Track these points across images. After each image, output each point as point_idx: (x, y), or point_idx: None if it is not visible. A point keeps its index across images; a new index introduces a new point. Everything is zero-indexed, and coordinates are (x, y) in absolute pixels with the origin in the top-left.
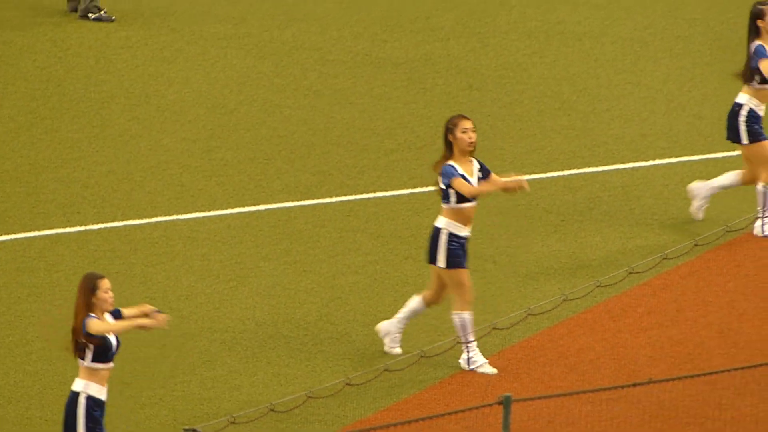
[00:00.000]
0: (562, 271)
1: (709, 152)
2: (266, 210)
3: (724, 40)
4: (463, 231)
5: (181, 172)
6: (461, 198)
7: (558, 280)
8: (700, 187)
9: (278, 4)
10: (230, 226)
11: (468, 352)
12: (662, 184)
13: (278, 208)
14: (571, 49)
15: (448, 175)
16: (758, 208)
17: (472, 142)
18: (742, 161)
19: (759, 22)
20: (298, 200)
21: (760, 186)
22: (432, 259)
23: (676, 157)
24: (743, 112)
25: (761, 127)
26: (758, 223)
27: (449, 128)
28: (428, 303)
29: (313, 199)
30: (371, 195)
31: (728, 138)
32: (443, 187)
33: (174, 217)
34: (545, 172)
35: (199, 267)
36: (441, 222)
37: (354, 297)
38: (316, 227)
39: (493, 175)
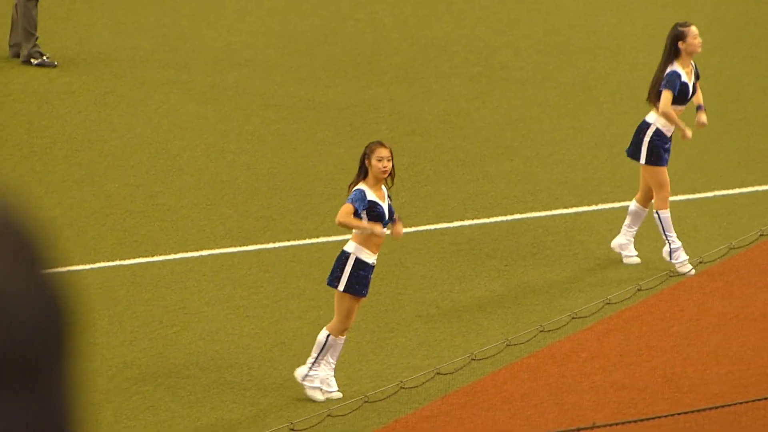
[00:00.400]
0: (505, 315)
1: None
2: (210, 255)
3: None
4: (371, 258)
5: (125, 218)
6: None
7: (501, 324)
8: (618, 241)
9: (221, 50)
10: (174, 271)
11: (310, 368)
12: (606, 229)
13: (222, 254)
14: (514, 94)
15: (349, 198)
16: (662, 233)
17: (385, 170)
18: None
19: (680, 44)
20: (241, 245)
21: (655, 215)
22: (332, 282)
23: (620, 201)
24: (649, 132)
25: (665, 151)
26: (665, 248)
27: (366, 153)
28: (338, 333)
29: (257, 244)
30: (315, 240)
31: (628, 153)
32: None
33: (117, 262)
34: (488, 217)
35: (143, 312)
36: (350, 246)
37: (298, 342)
38: (259, 272)
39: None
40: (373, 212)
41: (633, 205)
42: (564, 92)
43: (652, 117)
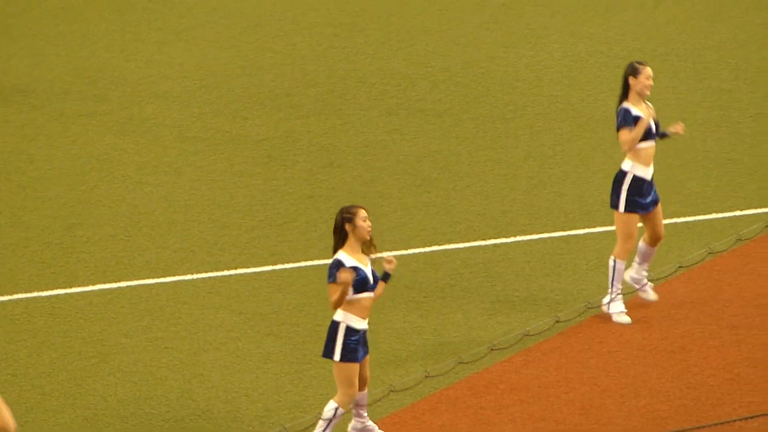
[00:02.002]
0: (424, 347)
1: (571, 229)
2: (128, 287)
3: (584, 118)
4: (361, 324)
5: (43, 249)
6: (357, 288)
7: (420, 356)
8: (631, 277)
9: (139, 82)
10: (92, 303)
11: None
12: (524, 261)
13: (140, 285)
14: (432, 126)
15: (329, 275)
16: (609, 281)
17: (370, 230)
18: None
19: (630, 80)
20: (159, 277)
21: (611, 261)
22: (327, 353)
23: (538, 233)
24: (626, 181)
25: (641, 202)
26: (606, 297)
27: (346, 218)
28: (346, 404)
29: (175, 275)
30: (232, 272)
31: (611, 204)
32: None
33: (35, 294)
34: (406, 249)
35: (61, 344)
36: (338, 315)
37: (215, 374)
38: (177, 304)
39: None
40: (356, 277)
41: (640, 245)
42: (482, 124)
43: (627, 164)
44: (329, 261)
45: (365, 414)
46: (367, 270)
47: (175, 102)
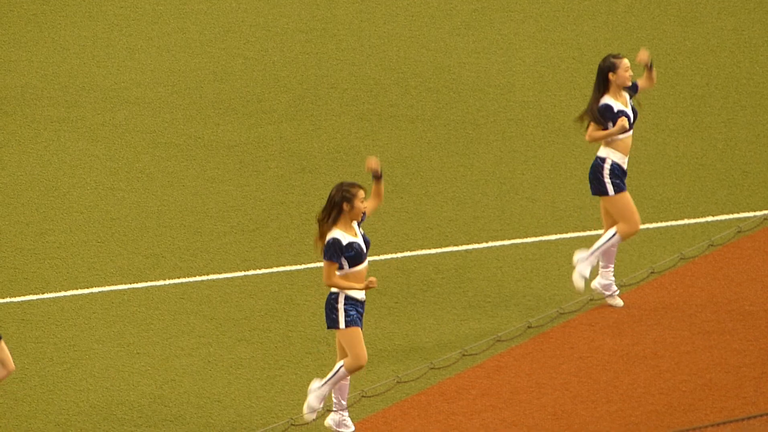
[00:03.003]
0: (395, 353)
1: (542, 234)
2: (99, 292)
3: (555, 123)
4: (360, 294)
5: (14, 255)
6: (353, 262)
7: (392, 362)
8: (600, 282)
9: (110, 88)
10: (63, 308)
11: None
12: (495, 267)
13: (111, 291)
14: (404, 131)
15: (328, 255)
16: (595, 245)
17: (365, 210)
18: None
19: (610, 75)
20: (131, 283)
21: (611, 231)
22: (332, 323)
23: (509, 239)
24: (606, 166)
25: (623, 182)
26: (597, 279)
27: (346, 197)
28: (354, 369)
29: (147, 281)
30: (204, 277)
31: (594, 192)
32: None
33: (7, 299)
34: (378, 255)
35: (33, 349)
36: (335, 288)
37: (187, 379)
38: (149, 310)
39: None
40: (352, 252)
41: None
42: (453, 130)
43: (604, 152)
44: (300, 267)
45: (346, 407)
46: (360, 240)
47: (146, 108)
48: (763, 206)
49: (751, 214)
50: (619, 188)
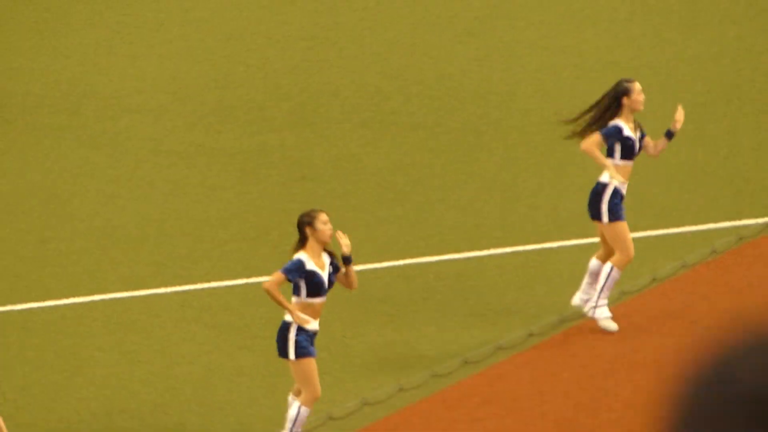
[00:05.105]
0: (397, 360)
1: (544, 242)
2: (101, 300)
3: (558, 131)
4: (312, 325)
5: (15, 263)
6: (312, 292)
7: (393, 369)
8: (581, 298)
9: (111, 95)
10: (65, 316)
11: None
12: (497, 274)
13: (112, 299)
14: (405, 139)
15: (284, 267)
16: (598, 286)
17: (330, 233)
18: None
19: (624, 100)
20: (132, 291)
21: (608, 266)
22: (282, 353)
23: (511, 246)
24: (608, 191)
25: (622, 208)
26: (590, 303)
27: (306, 221)
28: (297, 392)
29: (148, 289)
30: (206, 285)
31: (592, 216)
32: (290, 279)
33: (8, 307)
34: (380, 262)
35: (34, 357)
36: (289, 316)
37: (189, 387)
38: (150, 318)
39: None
40: (312, 281)
41: (593, 263)
42: (455, 137)
43: (606, 177)
44: None
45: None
46: (324, 274)
47: (148, 115)
48: (765, 213)
49: (753, 221)
50: (616, 216)
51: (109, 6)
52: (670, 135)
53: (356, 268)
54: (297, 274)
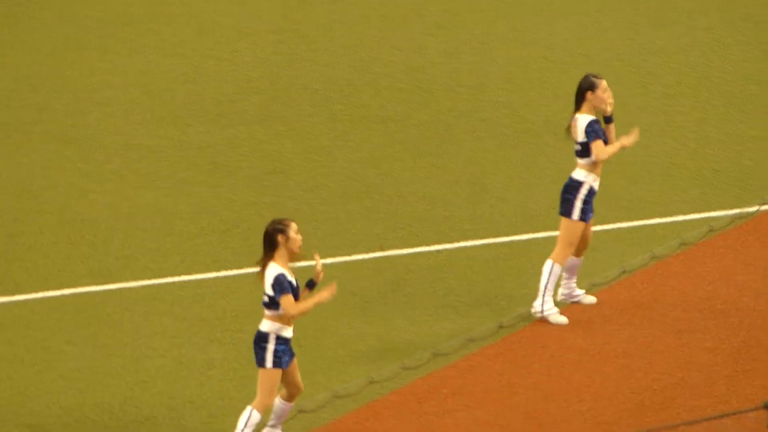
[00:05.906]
0: (368, 353)
1: (514, 234)
2: (71, 294)
3: (528, 123)
4: (289, 332)
5: None
6: None
7: (364, 362)
8: (563, 292)
9: (81, 89)
10: (34, 310)
11: None
12: (466, 266)
13: (83, 293)
14: (375, 132)
15: (281, 289)
16: (540, 285)
17: (301, 245)
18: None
19: (588, 94)
20: (102, 284)
21: (548, 264)
22: (259, 362)
23: (481, 239)
24: (583, 190)
25: (591, 209)
26: (537, 301)
27: (279, 229)
28: (289, 399)
29: (118, 282)
30: (176, 278)
31: (562, 212)
32: (271, 294)
33: None
34: (350, 255)
35: (4, 352)
36: (265, 326)
37: (159, 380)
38: (120, 311)
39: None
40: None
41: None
42: (425, 130)
43: (581, 174)
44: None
45: (280, 429)
46: (294, 280)
47: (118, 109)
48: (734, 205)
49: (722, 213)
50: (581, 217)
51: (78, 0)
52: (608, 120)
53: (327, 261)
54: (288, 285)
